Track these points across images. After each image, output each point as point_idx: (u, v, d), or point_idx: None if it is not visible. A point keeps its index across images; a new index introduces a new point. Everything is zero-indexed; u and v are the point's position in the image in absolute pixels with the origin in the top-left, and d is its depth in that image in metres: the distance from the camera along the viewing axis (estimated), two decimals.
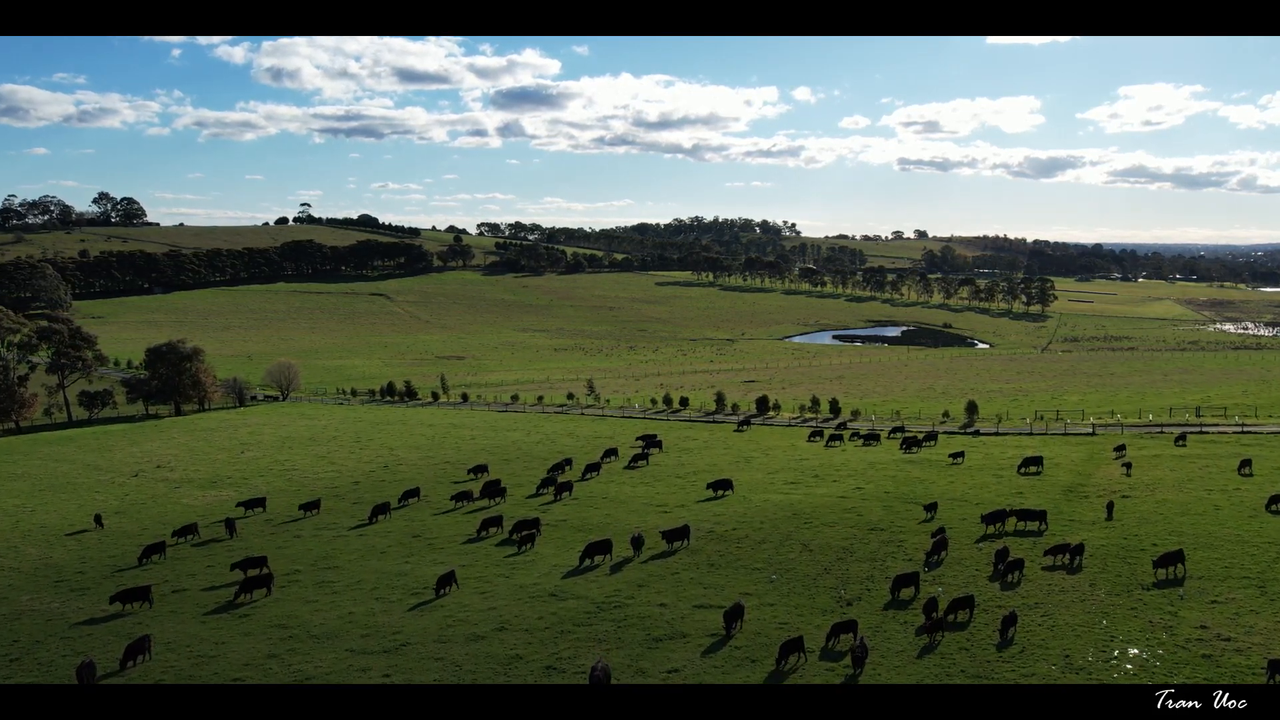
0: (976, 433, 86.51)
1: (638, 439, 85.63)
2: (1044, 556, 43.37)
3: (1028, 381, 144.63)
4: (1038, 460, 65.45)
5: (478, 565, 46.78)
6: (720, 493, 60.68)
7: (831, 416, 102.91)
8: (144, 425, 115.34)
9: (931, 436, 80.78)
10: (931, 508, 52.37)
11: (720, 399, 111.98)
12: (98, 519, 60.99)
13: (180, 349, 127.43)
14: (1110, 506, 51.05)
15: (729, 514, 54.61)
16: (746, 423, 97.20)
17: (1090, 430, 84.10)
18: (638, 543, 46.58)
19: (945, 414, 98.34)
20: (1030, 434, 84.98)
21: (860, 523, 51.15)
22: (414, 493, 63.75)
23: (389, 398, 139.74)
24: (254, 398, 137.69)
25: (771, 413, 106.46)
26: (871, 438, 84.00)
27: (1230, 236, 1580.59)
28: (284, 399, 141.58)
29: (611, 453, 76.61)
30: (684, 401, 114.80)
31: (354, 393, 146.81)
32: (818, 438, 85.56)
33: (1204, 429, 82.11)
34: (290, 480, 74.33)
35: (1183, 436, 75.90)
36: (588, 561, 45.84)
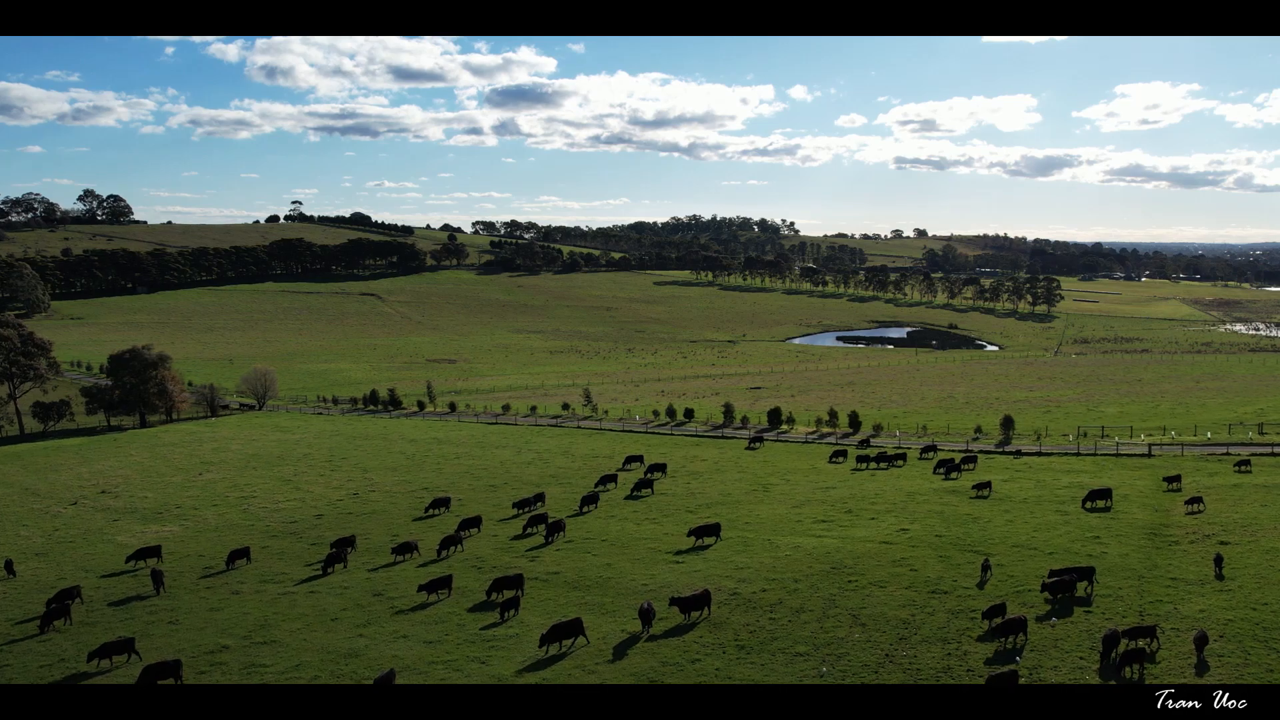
0: (1018, 453, 77.58)
1: (631, 459, 76.71)
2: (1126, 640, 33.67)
3: (1053, 389, 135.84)
4: (1105, 493, 56.48)
5: (447, 642, 37.70)
6: (706, 540, 50.50)
7: (851, 431, 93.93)
8: (102, 439, 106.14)
9: (970, 459, 71.81)
10: (986, 568, 42.75)
11: (729, 411, 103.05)
12: (8, 565, 51.88)
13: (145, 355, 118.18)
14: (1219, 562, 42.10)
15: (754, 566, 45.59)
16: (759, 439, 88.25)
17: (1146, 451, 75.17)
18: (647, 616, 37.37)
19: (978, 429, 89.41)
20: (1078, 454, 76.05)
21: (916, 581, 42.13)
22: (348, 541, 52.76)
23: (372, 407, 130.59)
24: (225, 407, 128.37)
25: (785, 426, 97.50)
26: (898, 458, 75.17)
27: (1226, 235, 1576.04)
28: (260, 408, 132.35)
29: (609, 479, 67.53)
30: (689, 413, 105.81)
31: (335, 401, 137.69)
32: (840, 458, 76.69)
33: (1275, 450, 73.21)
34: (246, 512, 65.21)
35: (1245, 461, 67.03)
36: (555, 648, 36.21)
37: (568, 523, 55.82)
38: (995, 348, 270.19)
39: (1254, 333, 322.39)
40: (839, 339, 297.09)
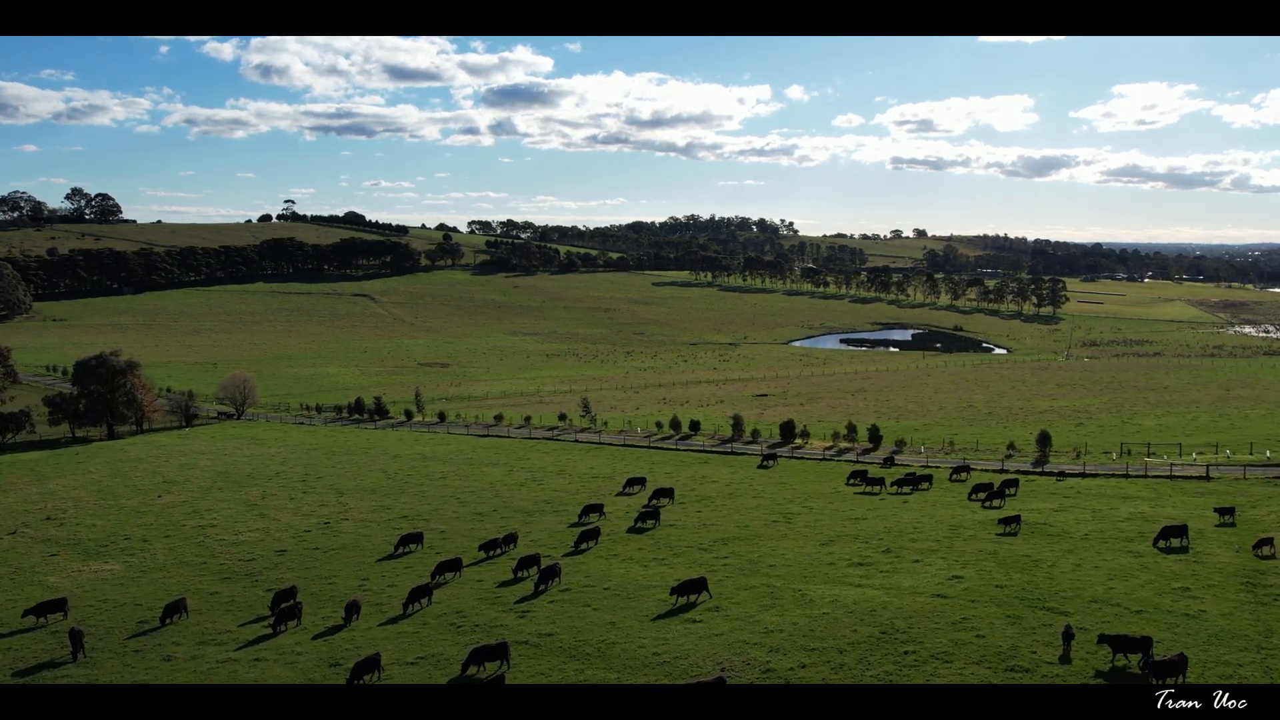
0: (1061, 474, 70.34)
1: (633, 481, 69.27)
2: None
3: (1077, 397, 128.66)
4: (1180, 530, 49.21)
5: None
6: (691, 598, 42.31)
7: (871, 446, 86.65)
8: (63, 454, 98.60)
9: (1012, 483, 64.59)
10: (1068, 636, 34.97)
11: (737, 423, 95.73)
12: None
13: (112, 362, 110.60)
14: None
15: (786, 629, 38.18)
16: (772, 456, 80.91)
17: (1204, 473, 67.95)
18: None
19: (1011, 445, 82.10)
20: (1127, 475, 68.84)
21: (987, 653, 34.75)
22: (289, 594, 43.73)
23: (356, 416, 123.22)
24: (196, 416, 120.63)
25: (799, 441, 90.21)
26: (924, 480, 67.85)
27: (1222, 236, 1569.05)
28: (238, 417, 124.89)
29: (594, 509, 59.83)
30: (694, 425, 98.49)
31: (319, 409, 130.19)
32: (857, 480, 69.04)
33: None
34: (200, 546, 57.74)
35: None
36: None
37: (563, 563, 48.50)
38: (1003, 351, 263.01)
39: (1265, 335, 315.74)
40: (842, 341, 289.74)
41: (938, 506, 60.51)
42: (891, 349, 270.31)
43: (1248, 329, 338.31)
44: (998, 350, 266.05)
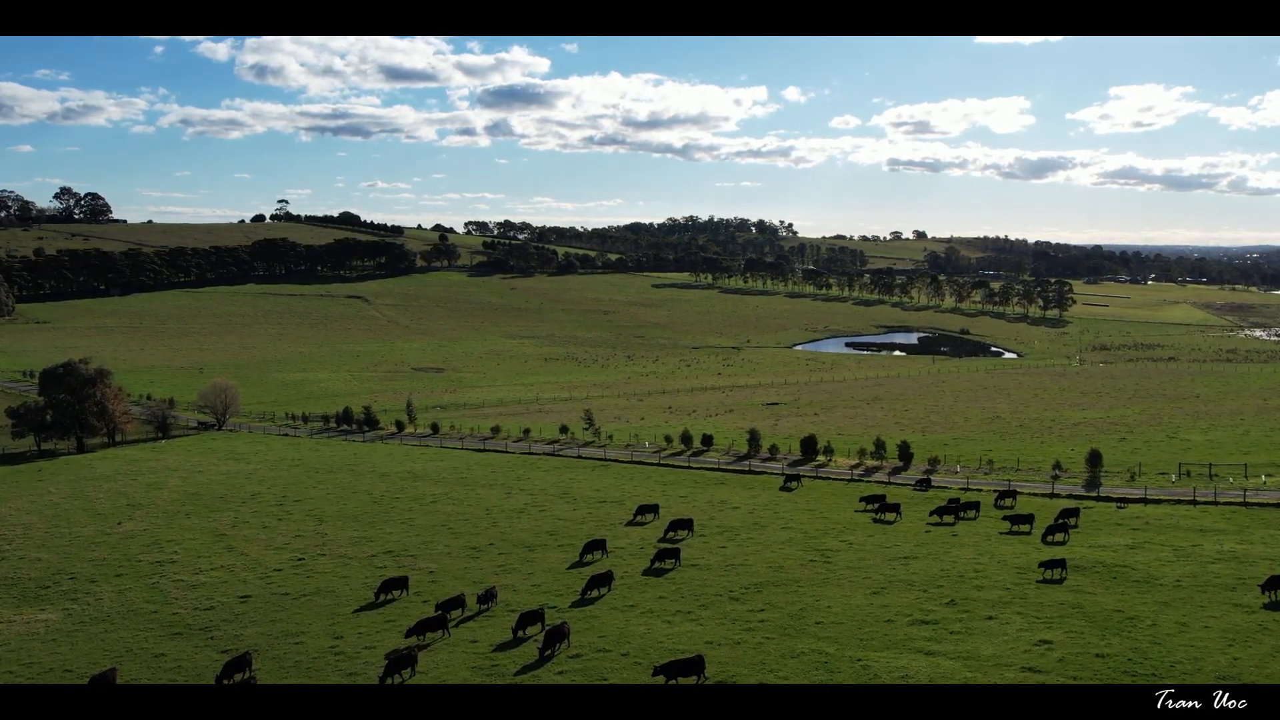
0: (1123, 501, 63.25)
1: (644, 509, 62.01)
2: None
3: (1107, 407, 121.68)
4: None
5: None
6: (684, 680, 33.42)
7: (902, 465, 79.59)
8: (25, 470, 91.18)
9: (1072, 513, 57.54)
10: None
11: (754, 438, 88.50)
12: None
13: (81, 370, 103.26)
14: None
15: None
16: (796, 478, 73.74)
17: None
18: None
19: (1057, 465, 74.94)
20: (1194, 502, 61.83)
21: None
22: (243, 663, 36.39)
23: (345, 427, 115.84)
24: (171, 425, 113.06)
25: (822, 458, 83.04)
26: (969, 506, 60.82)
27: (1219, 238, 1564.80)
28: (219, 427, 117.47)
29: (597, 546, 52.26)
30: (707, 440, 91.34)
31: (305, 419, 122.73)
32: (871, 505, 62.41)
33: None
34: (154, 588, 50.44)
35: None
36: None
37: (572, 616, 41.33)
38: (1013, 355, 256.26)
39: (1276, 339, 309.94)
40: (847, 345, 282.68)
41: (993, 541, 53.41)
42: (897, 353, 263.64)
43: (1258, 332, 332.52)
44: (1007, 354, 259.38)
